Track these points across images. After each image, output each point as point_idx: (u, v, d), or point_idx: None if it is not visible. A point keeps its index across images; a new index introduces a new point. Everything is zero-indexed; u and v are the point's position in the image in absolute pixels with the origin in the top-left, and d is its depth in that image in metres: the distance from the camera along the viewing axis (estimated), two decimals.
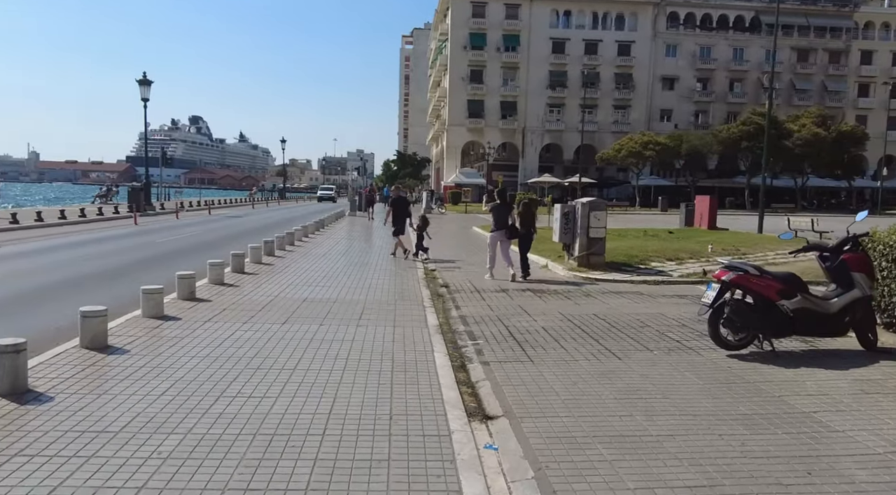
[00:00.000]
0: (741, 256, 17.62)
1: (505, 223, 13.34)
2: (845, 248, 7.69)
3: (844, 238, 7.78)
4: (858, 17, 71.21)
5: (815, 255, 8.02)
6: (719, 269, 7.64)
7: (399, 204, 17.53)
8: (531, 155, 70.62)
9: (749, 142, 57.48)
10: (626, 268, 14.72)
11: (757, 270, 7.51)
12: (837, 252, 7.71)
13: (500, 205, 13.51)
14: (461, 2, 70.43)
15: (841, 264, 7.58)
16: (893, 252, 8.01)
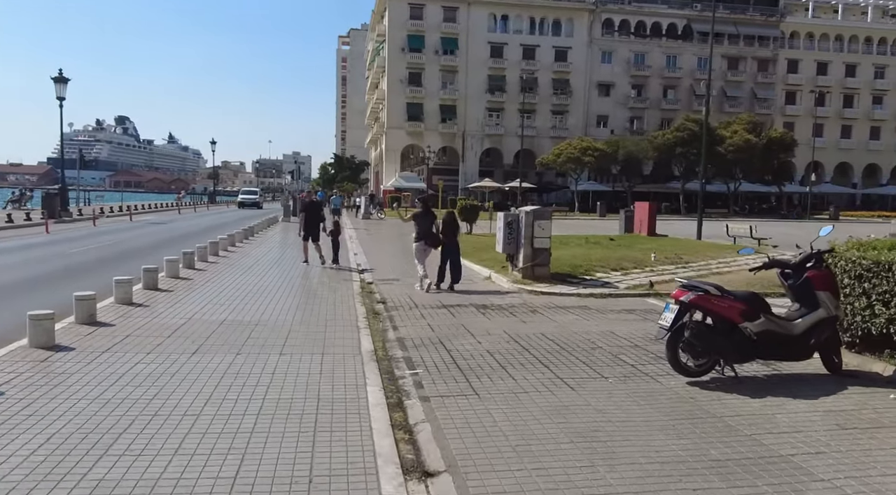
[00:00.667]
0: (683, 265, 17.38)
1: (428, 232, 13.12)
2: (808, 265, 7.20)
3: (808, 254, 7.29)
4: (785, 26, 73.59)
5: (776, 272, 7.50)
6: (677, 289, 7.04)
7: (312, 209, 16.93)
8: (471, 159, 70.27)
9: (683, 148, 58.58)
10: (572, 279, 14.16)
11: (717, 289, 6.94)
12: (800, 269, 7.21)
13: (423, 214, 13.30)
14: (398, 3, 69.55)
15: (805, 282, 7.08)
16: (855, 268, 7.56)
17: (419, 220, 13.27)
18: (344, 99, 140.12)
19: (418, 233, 13.16)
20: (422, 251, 13.14)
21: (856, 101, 74.24)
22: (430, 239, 13.14)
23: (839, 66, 73.87)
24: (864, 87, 74.07)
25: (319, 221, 16.84)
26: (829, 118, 72.25)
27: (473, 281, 14.72)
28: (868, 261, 7.38)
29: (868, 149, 74.92)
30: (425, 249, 13.16)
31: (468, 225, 28.78)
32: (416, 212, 13.49)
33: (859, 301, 7.49)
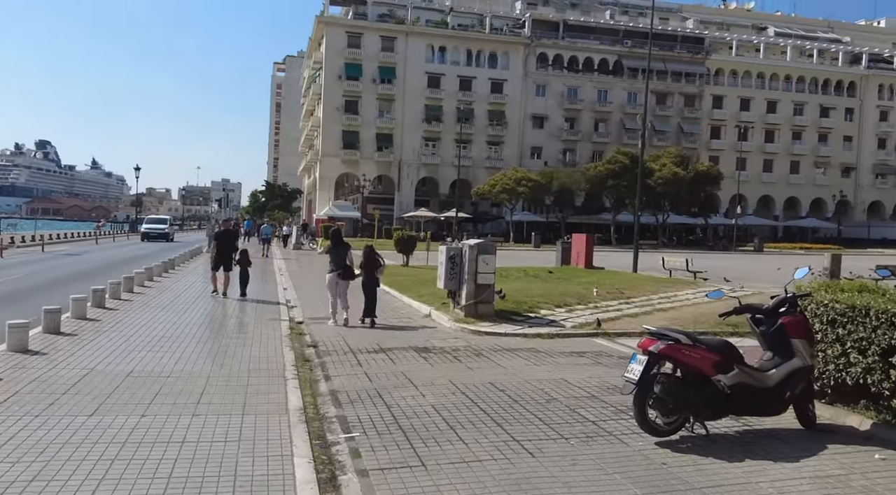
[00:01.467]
0: (626, 300, 16.98)
1: (342, 264, 12.86)
2: (781, 310, 6.67)
3: (781, 298, 6.77)
4: (710, 63, 76.47)
5: (747, 318, 6.95)
6: (645, 337, 6.39)
7: (224, 237, 16.57)
8: (407, 188, 69.71)
9: (615, 181, 59.56)
10: (516, 317, 13.49)
11: (688, 338, 6.32)
12: (774, 315, 6.67)
13: (337, 246, 13.15)
14: (336, 31, 69.06)
15: (779, 329, 6.53)
16: (828, 312, 7.08)
17: (332, 252, 13.10)
18: (277, 126, 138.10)
19: (332, 266, 12.89)
20: (335, 284, 12.77)
21: (776, 136, 77.54)
22: (344, 271, 12.85)
23: (761, 102, 77.16)
24: (784, 123, 77.48)
25: (232, 251, 16.35)
26: (752, 152, 75.11)
27: (412, 319, 13.89)
28: (842, 305, 6.89)
29: (788, 182, 78.14)
30: (338, 282, 12.79)
31: (404, 257, 27.97)
32: (330, 246, 13.27)
33: (832, 348, 6.99)
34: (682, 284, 21.06)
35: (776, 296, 6.96)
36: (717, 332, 12.78)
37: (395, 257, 30.48)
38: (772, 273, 29.48)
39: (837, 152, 78.65)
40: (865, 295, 6.95)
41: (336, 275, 12.75)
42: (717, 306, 17.28)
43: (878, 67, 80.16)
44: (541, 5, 79.24)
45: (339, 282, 12.76)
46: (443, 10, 73.49)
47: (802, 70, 78.40)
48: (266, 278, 22.45)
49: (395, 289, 18.35)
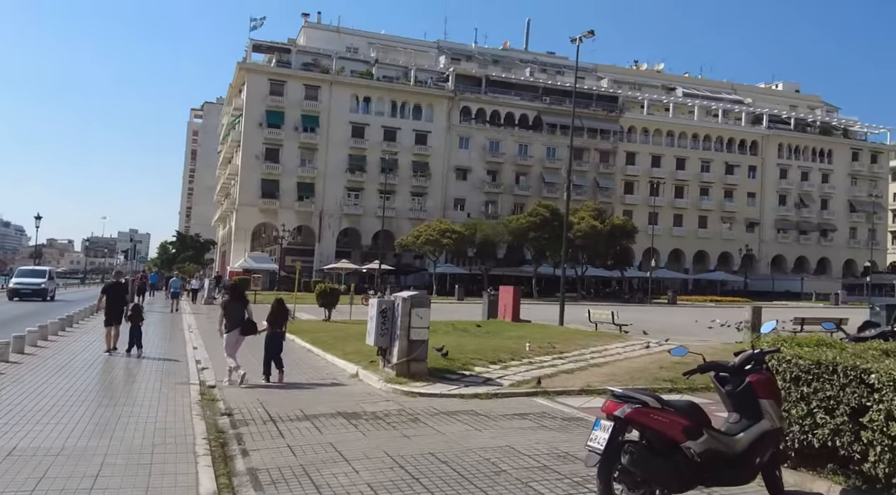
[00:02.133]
0: (559, 355, 16.53)
1: (241, 320, 12.25)
2: (747, 368, 6.22)
3: (748, 354, 6.31)
4: (623, 121, 79.60)
5: (711, 376, 6.45)
6: (608, 401, 5.79)
7: (113, 290, 15.90)
8: (328, 239, 68.38)
9: (536, 233, 60.36)
10: (450, 375, 12.74)
11: (656, 400, 5.76)
12: (740, 373, 6.21)
13: (234, 301, 12.56)
14: (258, 78, 68.12)
15: (746, 389, 6.05)
16: (791, 369, 6.68)
17: (230, 308, 12.41)
18: (192, 174, 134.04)
19: (229, 322, 12.17)
20: (233, 342, 12.13)
21: (686, 191, 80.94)
22: (244, 327, 12.25)
23: (671, 159, 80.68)
24: (692, 179, 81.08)
25: (122, 305, 15.70)
26: (663, 207, 77.99)
27: (339, 380, 12.93)
28: (807, 361, 6.50)
29: (697, 236, 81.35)
30: (238, 340, 12.22)
31: (326, 311, 26.86)
32: (226, 300, 12.58)
33: (797, 408, 6.58)
34: (610, 337, 20.92)
35: (740, 351, 6.53)
36: (656, 389, 12.45)
37: (315, 311, 29.40)
38: (690, 325, 29.99)
39: (742, 208, 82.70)
40: (828, 350, 6.61)
41: (237, 331, 12.11)
42: (649, 360, 17.20)
43: (777, 127, 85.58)
44: (464, 60, 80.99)
45: (238, 339, 12.18)
46: (368, 61, 73.94)
47: (709, 129, 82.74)
48: (174, 336, 20.89)
49: (317, 347, 17.31)
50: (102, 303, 15.60)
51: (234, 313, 12.26)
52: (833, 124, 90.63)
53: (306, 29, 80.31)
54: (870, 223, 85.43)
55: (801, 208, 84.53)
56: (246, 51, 71.74)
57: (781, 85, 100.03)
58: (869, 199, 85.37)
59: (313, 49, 73.23)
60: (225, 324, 12.21)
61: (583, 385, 12.26)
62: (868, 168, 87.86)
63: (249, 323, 12.32)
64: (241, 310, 12.35)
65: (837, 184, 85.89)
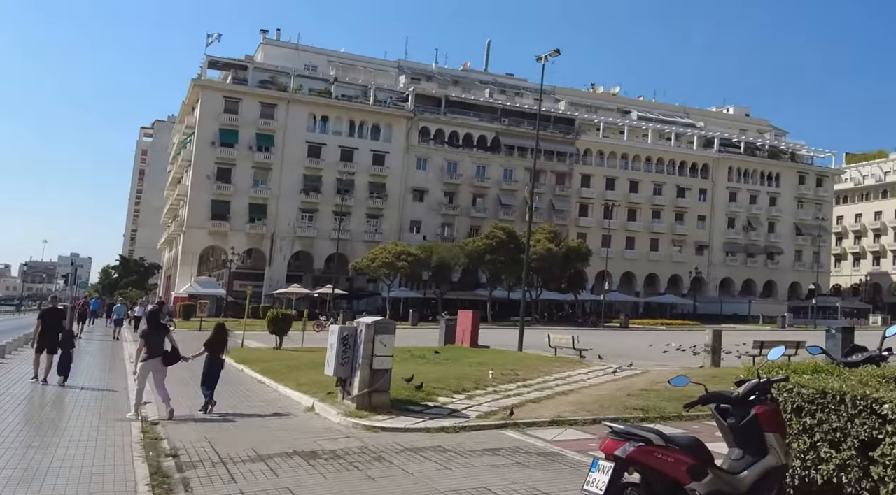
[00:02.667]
0: (522, 382, 16.01)
1: (159, 349, 11.49)
2: (751, 398, 5.73)
3: (753, 384, 5.82)
4: (579, 144, 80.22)
5: (711, 408, 5.95)
6: (608, 438, 5.24)
7: (51, 317, 15.41)
8: (279, 263, 66.74)
9: (492, 256, 59.97)
10: (413, 406, 12.07)
11: (660, 436, 5.23)
12: (744, 404, 5.71)
13: (153, 329, 11.71)
14: (213, 95, 66.58)
15: (752, 422, 5.56)
16: (793, 398, 6.20)
17: (151, 336, 11.54)
18: (139, 195, 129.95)
19: (150, 351, 11.35)
20: (147, 371, 11.32)
21: (638, 214, 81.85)
22: (167, 356, 11.50)
23: (625, 182, 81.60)
24: (644, 202, 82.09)
25: (58, 331, 15.12)
26: (616, 230, 78.55)
27: (294, 413, 12.11)
28: (810, 391, 6.03)
29: (649, 259, 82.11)
30: (158, 369, 11.38)
31: (277, 338, 25.79)
32: (145, 329, 11.82)
33: (799, 441, 6.10)
34: (572, 363, 20.50)
35: (743, 380, 6.05)
36: (627, 418, 11.99)
37: (266, 339, 28.27)
38: (646, 349, 29.83)
39: (692, 230, 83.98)
40: (830, 377, 6.18)
41: (157, 360, 11.35)
42: (615, 387, 16.73)
43: (727, 151, 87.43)
44: (424, 80, 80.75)
45: (160, 369, 11.38)
46: (327, 79, 73.02)
47: (662, 152, 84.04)
48: (114, 366, 19.71)
49: (269, 378, 16.39)
50: (37, 328, 15.07)
51: (154, 341, 11.52)
52: (781, 148, 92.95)
53: (264, 45, 79.08)
54: (815, 246, 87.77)
55: (748, 231, 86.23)
56: (201, 67, 70.14)
57: (732, 109, 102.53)
58: (814, 223, 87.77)
59: (271, 66, 72.02)
60: (144, 353, 11.43)
61: (553, 415, 11.73)
62: (814, 191, 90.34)
63: (173, 351, 11.62)
64: (162, 339, 11.68)
65: (784, 208, 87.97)
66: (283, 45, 79.31)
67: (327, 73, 74.60)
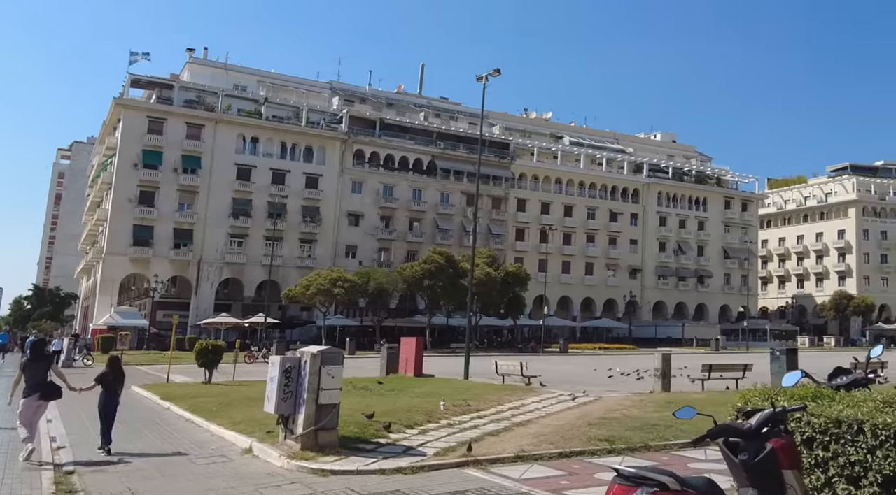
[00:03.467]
0: (476, 413, 15.16)
1: (42, 383, 10.50)
2: (763, 430, 4.97)
3: (768, 414, 5.05)
4: (515, 168, 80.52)
5: (719, 443, 5.16)
6: (617, 485, 4.34)
7: None
8: (206, 291, 63.71)
9: (431, 281, 59.00)
10: (363, 444, 10.97)
11: (675, 480, 4.39)
12: (757, 437, 4.94)
13: (35, 361, 10.81)
14: (135, 115, 63.63)
15: (769, 458, 4.79)
16: (803, 429, 5.51)
17: (30, 368, 10.57)
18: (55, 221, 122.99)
19: (29, 385, 10.41)
20: (33, 408, 10.41)
21: (573, 239, 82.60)
22: (45, 391, 10.50)
23: (559, 206, 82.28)
24: (579, 226, 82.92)
25: None
26: (552, 254, 78.82)
27: (229, 457, 10.80)
28: (822, 419, 5.36)
29: (584, 283, 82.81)
30: (40, 405, 10.53)
31: (206, 372, 24.05)
32: (25, 361, 11.06)
33: (812, 476, 5.41)
34: (522, 391, 19.71)
35: (753, 410, 5.31)
36: (594, 451, 11.24)
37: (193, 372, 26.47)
38: (590, 375, 29.37)
39: (625, 255, 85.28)
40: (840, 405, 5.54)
41: (38, 396, 10.38)
42: (573, 416, 15.91)
43: (656, 176, 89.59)
44: (358, 102, 79.64)
45: (41, 404, 10.55)
46: (257, 99, 71.03)
47: (594, 177, 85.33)
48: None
49: (199, 416, 14.91)
50: None
51: (34, 374, 10.49)
52: (707, 173, 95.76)
53: (191, 65, 76.49)
54: (743, 269, 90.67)
55: (679, 255, 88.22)
56: (123, 86, 67.12)
57: (659, 135, 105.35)
58: (741, 246, 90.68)
59: (198, 86, 69.47)
60: (24, 387, 10.45)
61: (516, 450, 10.84)
62: (740, 216, 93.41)
63: (51, 386, 10.63)
64: (44, 371, 10.70)
65: (712, 232, 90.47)
66: (210, 65, 76.94)
67: (257, 93, 72.63)
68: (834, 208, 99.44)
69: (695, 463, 10.22)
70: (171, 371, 25.53)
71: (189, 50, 78.12)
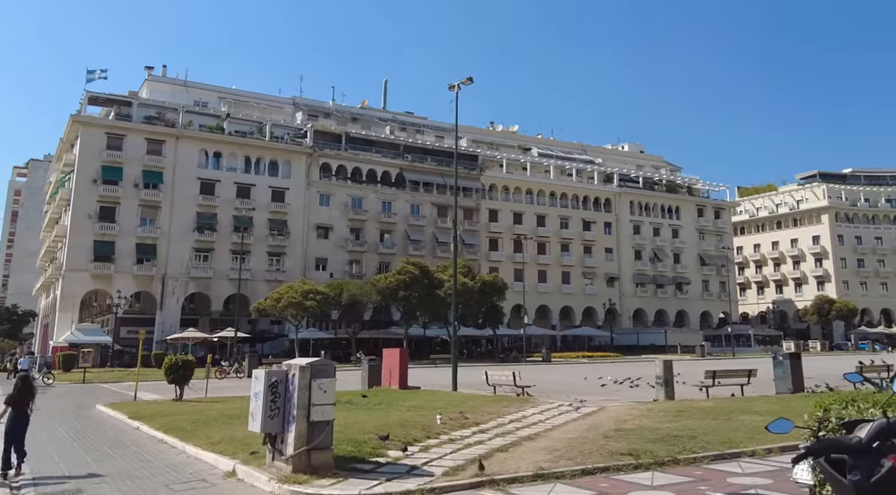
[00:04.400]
0: (476, 426, 13.88)
1: None
2: (875, 445, 3.73)
3: (882, 425, 3.79)
4: (484, 179, 79.73)
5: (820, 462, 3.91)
6: None
7: None
8: (172, 306, 61.49)
9: (406, 292, 57.73)
10: (361, 464, 9.55)
11: None
12: (868, 453, 3.69)
13: None
14: (93, 132, 61.46)
15: (889, 477, 3.56)
16: None
17: None
18: (11, 238, 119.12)
19: None
20: None
21: (548, 248, 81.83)
22: None
23: (532, 216, 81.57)
24: (553, 235, 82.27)
25: None
26: (528, 264, 77.99)
27: (209, 482, 9.30)
28: None
29: (562, 292, 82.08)
30: None
31: (177, 388, 22.36)
32: None
33: None
34: (519, 402, 18.43)
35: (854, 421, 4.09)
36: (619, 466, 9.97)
37: (161, 390, 24.85)
38: (581, 383, 28.21)
39: (601, 263, 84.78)
40: None
41: None
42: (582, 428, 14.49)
43: (627, 186, 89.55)
44: (322, 117, 78.51)
45: None
46: (218, 115, 69.26)
47: (565, 187, 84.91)
48: None
49: (173, 436, 13.36)
50: None
51: None
52: (678, 183, 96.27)
53: (150, 82, 74.57)
54: (720, 276, 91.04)
55: (655, 262, 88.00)
56: (81, 103, 64.68)
57: (627, 146, 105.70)
58: (718, 253, 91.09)
59: (157, 102, 67.58)
60: None
61: (533, 467, 9.53)
62: (713, 223, 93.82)
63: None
64: None
65: (687, 239, 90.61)
66: (170, 82, 75.21)
67: (218, 109, 71.03)
68: (807, 214, 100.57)
69: (734, 477, 9.10)
70: (139, 388, 23.80)
71: (148, 68, 76.40)
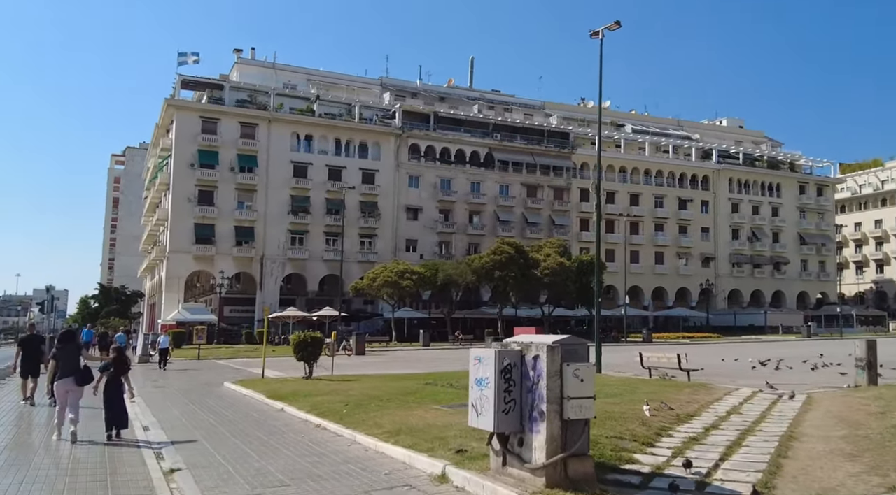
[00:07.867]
0: (692, 419, 11.87)
1: (75, 367, 10.88)
2: None
3: None
4: (575, 158, 76.67)
5: None
6: None
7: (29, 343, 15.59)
8: (271, 286, 61.97)
9: (502, 272, 56.11)
10: (620, 476, 7.78)
11: None
12: None
13: (66, 347, 11.33)
14: (188, 116, 61.98)
15: None
16: None
17: (62, 355, 11.25)
18: (114, 223, 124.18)
19: (63, 370, 10.95)
20: (62, 390, 10.77)
21: (641, 227, 78.44)
22: (81, 375, 10.81)
23: (625, 195, 78.20)
24: (647, 215, 78.70)
25: (39, 356, 15.39)
26: (619, 244, 74.81)
27: (415, 486, 7.70)
28: None
29: (654, 272, 78.71)
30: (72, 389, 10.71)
31: (307, 366, 21.31)
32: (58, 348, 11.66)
33: None
34: (705, 389, 15.85)
35: None
36: None
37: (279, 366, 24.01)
38: (734, 366, 25.45)
39: (697, 243, 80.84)
40: None
41: (69, 381, 10.72)
42: (824, 420, 12.10)
43: (726, 162, 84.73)
44: (409, 97, 77.21)
45: (73, 389, 10.74)
46: (308, 97, 68.83)
47: (660, 165, 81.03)
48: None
49: (331, 420, 11.86)
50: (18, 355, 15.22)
51: (67, 360, 11.03)
52: (779, 159, 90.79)
53: (239, 65, 74.84)
54: (820, 255, 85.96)
55: (753, 242, 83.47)
56: (174, 88, 65.37)
57: (725, 121, 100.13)
58: (818, 232, 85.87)
59: (248, 85, 67.72)
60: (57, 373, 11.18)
61: (846, 486, 7.44)
62: (815, 201, 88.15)
63: (85, 370, 10.92)
64: (75, 356, 11.16)
65: (787, 218, 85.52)
66: (258, 65, 75.17)
67: (307, 91, 70.51)
68: None
69: None
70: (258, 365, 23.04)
71: (237, 50, 76.48)
